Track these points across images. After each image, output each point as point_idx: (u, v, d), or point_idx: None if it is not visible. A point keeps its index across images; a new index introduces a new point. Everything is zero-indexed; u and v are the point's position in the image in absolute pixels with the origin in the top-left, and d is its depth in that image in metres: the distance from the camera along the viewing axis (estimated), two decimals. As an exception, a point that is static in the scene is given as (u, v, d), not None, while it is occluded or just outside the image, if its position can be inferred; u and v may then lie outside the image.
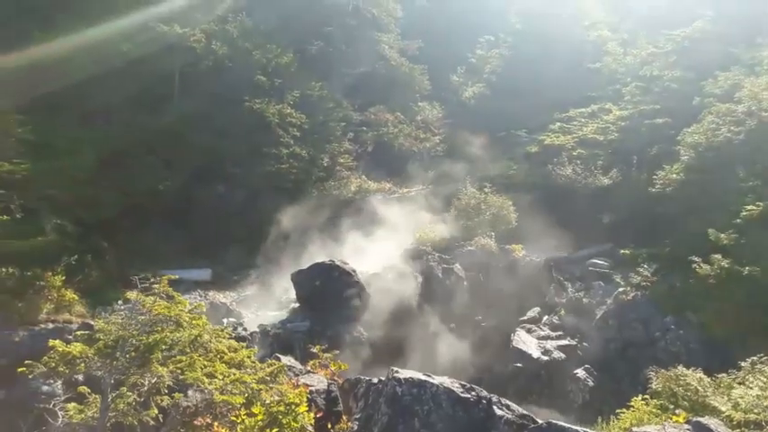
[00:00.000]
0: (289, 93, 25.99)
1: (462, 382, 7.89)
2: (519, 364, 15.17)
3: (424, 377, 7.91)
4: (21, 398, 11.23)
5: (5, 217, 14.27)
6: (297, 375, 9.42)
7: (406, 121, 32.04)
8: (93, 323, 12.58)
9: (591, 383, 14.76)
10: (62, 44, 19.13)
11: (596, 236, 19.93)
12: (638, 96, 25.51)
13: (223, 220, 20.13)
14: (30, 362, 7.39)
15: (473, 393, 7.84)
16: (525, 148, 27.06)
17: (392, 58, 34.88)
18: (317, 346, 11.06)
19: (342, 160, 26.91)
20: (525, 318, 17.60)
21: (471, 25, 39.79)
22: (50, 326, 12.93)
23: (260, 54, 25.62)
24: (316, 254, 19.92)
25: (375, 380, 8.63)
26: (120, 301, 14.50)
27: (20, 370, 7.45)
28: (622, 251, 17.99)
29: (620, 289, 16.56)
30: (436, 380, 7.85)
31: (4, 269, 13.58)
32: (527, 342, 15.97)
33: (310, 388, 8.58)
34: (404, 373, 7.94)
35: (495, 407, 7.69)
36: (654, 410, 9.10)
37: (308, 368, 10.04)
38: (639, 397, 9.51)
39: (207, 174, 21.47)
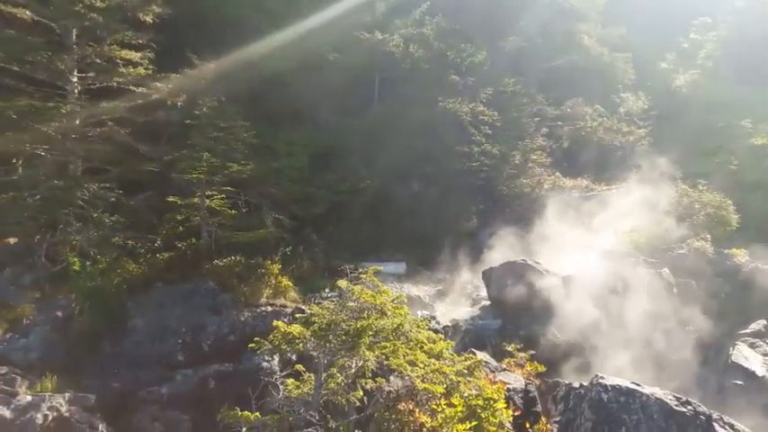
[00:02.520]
0: (481, 90, 25.96)
1: (677, 395, 7.18)
2: (739, 382, 13.44)
3: (632, 385, 7.38)
4: (246, 371, 12.63)
5: (234, 211, 16.22)
6: (493, 372, 9.39)
7: (607, 114, 30.08)
8: (304, 308, 13.82)
9: (837, 415, 12.52)
10: (277, 57, 21.17)
11: None
12: None
13: (417, 217, 20.78)
14: (258, 339, 8.34)
15: (689, 407, 7.11)
16: (749, 141, 23.81)
17: (591, 47, 33.01)
18: (512, 345, 10.89)
19: (534, 157, 26.14)
20: (747, 331, 15.52)
21: (682, 7, 36.08)
22: (269, 308, 14.38)
23: (454, 54, 25.97)
24: (507, 252, 19.62)
25: (576, 384, 8.26)
26: (327, 289, 15.77)
27: (250, 346, 8.44)
28: None
29: None
30: (647, 389, 7.26)
31: (233, 257, 15.48)
32: (750, 358, 14.07)
33: (507, 385, 8.50)
34: (610, 380, 7.48)
35: (716, 424, 6.90)
36: None
37: (504, 366, 9.95)
38: None
39: (402, 172, 22.34)
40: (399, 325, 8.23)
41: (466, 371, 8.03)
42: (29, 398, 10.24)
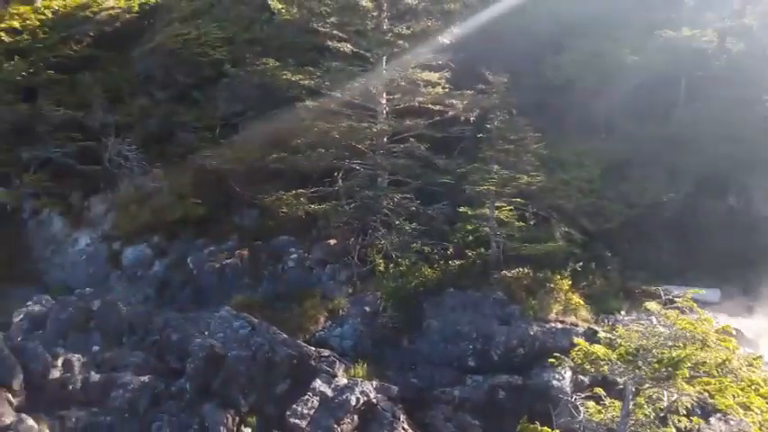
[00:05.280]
0: (823, 86, 21.31)
1: None
2: None
3: None
4: (535, 386, 12.46)
5: (522, 223, 16.18)
6: None
7: None
8: (597, 328, 13.01)
9: None
10: (568, 65, 20.54)
11: None
12: None
13: (734, 236, 17.89)
14: (558, 355, 8.07)
15: None
16: None
17: None
18: None
19: None
20: None
21: None
22: (559, 325, 13.91)
23: (788, 44, 21.84)
24: None
25: None
26: (622, 311, 14.63)
27: (550, 361, 8.23)
28: None
29: None
30: None
31: (521, 269, 15.42)
32: None
33: None
34: None
35: None
36: None
37: None
38: None
39: (714, 184, 19.55)
40: (726, 360, 7.09)
41: (819, 427, 6.54)
42: (345, 381, 11.65)
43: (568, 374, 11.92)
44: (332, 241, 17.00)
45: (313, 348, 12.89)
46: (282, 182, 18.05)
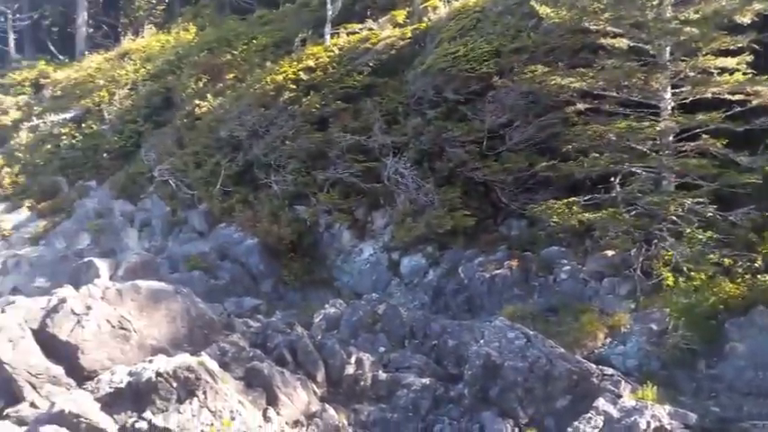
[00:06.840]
0: None
1: None
2: None
3: None
4: None
5: None
6: None
7: None
8: None
9: None
10: None
11: None
12: None
13: None
14: None
15: None
16: None
17: None
18: None
19: None
20: None
21: None
22: None
23: None
24: None
25: None
26: None
27: None
28: None
29: None
30: None
31: None
32: None
33: None
34: None
35: None
36: None
37: None
38: None
39: None
40: None
41: None
42: (632, 403, 10.58)
43: None
44: (609, 252, 15.77)
45: (594, 365, 12.01)
46: (551, 190, 17.58)
